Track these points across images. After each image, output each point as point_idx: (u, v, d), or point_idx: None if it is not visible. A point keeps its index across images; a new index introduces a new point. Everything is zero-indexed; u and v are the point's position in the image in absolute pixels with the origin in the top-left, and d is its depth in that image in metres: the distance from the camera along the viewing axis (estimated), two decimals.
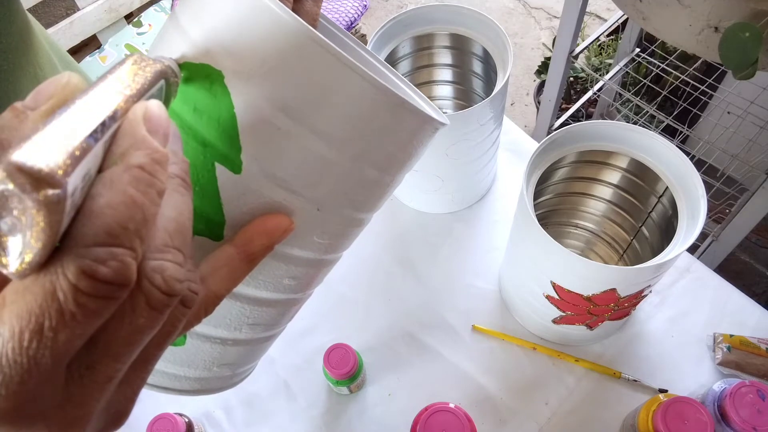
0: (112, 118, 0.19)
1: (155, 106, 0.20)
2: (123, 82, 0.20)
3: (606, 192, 0.69)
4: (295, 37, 0.25)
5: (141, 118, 0.19)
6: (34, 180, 0.15)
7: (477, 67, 0.78)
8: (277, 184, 0.27)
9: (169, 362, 0.31)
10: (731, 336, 0.65)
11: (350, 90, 0.26)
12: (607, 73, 1.42)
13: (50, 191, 0.15)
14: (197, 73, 0.26)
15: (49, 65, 0.49)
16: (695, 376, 0.66)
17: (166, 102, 0.23)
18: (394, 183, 0.33)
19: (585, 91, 1.60)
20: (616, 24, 1.41)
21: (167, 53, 0.27)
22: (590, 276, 0.53)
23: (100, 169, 0.18)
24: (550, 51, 1.83)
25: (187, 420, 0.61)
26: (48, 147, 0.16)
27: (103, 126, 0.18)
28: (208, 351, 0.32)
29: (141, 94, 0.20)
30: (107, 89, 0.19)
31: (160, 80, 0.22)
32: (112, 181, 0.18)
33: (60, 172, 0.15)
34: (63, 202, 0.16)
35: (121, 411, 0.21)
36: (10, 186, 0.15)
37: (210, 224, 0.28)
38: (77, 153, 0.16)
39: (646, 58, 1.31)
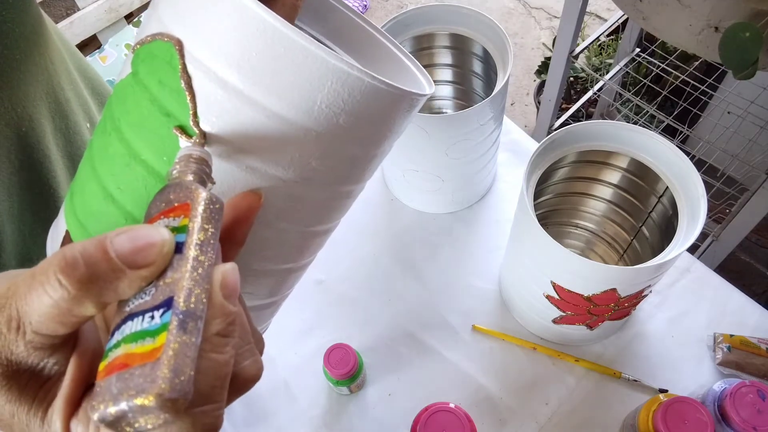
0: (205, 306, 0.21)
1: (229, 272, 0.22)
2: (204, 252, 0.22)
3: (606, 192, 0.69)
4: (243, 11, 0.26)
5: (218, 288, 0.22)
6: (174, 402, 0.19)
7: (477, 67, 0.78)
8: (235, 153, 0.28)
9: None
10: (731, 336, 0.65)
11: (290, 58, 0.27)
12: (607, 73, 1.42)
13: (182, 401, 0.19)
14: (162, 47, 0.28)
15: (60, 59, 0.50)
16: (695, 376, 0.66)
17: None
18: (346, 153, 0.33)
19: (585, 91, 1.60)
20: (616, 24, 1.41)
21: (145, 32, 0.29)
22: (590, 276, 0.53)
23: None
24: (550, 51, 1.83)
25: None
26: (179, 376, 0.19)
27: (202, 319, 0.21)
28: None
29: (216, 256, 0.23)
30: (195, 272, 0.21)
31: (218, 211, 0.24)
32: (201, 357, 0.20)
33: (188, 390, 0.19)
34: (188, 400, 0.20)
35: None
36: (157, 410, 0.19)
37: None
38: (194, 360, 0.20)
39: (646, 58, 1.31)
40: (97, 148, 0.31)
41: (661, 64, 1.24)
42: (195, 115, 0.27)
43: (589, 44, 1.36)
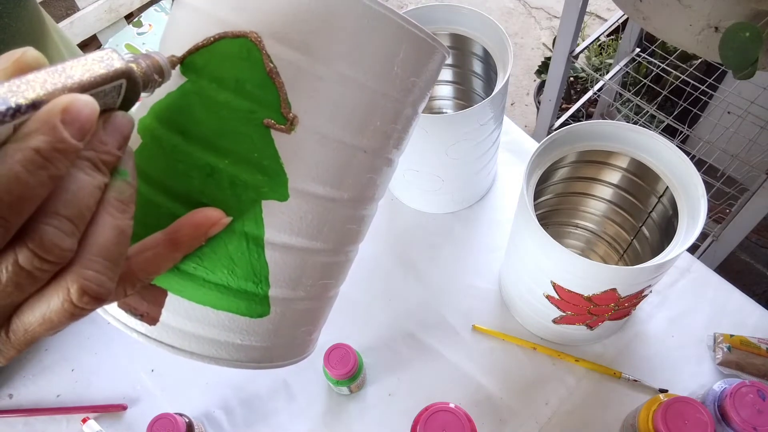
0: (32, 106, 0.19)
1: (82, 101, 0.20)
2: (68, 73, 0.21)
3: (606, 192, 0.69)
4: None
5: (59, 109, 0.20)
6: None
7: (477, 67, 0.78)
8: (323, 131, 0.29)
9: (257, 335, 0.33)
10: (731, 336, 0.65)
11: (373, 27, 0.28)
12: (607, 73, 1.42)
13: None
14: (232, 45, 0.28)
15: (59, 58, 0.50)
16: (695, 376, 0.66)
17: (127, 101, 0.24)
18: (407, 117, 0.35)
19: (585, 91, 1.60)
20: (616, 24, 1.41)
21: (184, 41, 0.29)
22: (590, 276, 0.53)
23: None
24: (550, 51, 1.83)
25: (187, 420, 0.61)
26: None
27: (17, 110, 0.19)
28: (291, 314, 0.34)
29: (83, 89, 0.21)
30: (48, 77, 0.20)
31: (117, 79, 0.22)
32: (5, 155, 0.19)
33: None
34: None
35: None
36: None
37: (274, 185, 0.29)
38: None
39: (646, 58, 1.32)
40: (156, 170, 0.30)
41: (661, 64, 1.24)
42: (286, 102, 0.28)
43: (589, 44, 1.36)
